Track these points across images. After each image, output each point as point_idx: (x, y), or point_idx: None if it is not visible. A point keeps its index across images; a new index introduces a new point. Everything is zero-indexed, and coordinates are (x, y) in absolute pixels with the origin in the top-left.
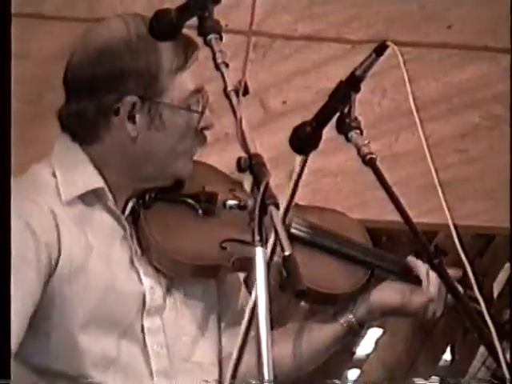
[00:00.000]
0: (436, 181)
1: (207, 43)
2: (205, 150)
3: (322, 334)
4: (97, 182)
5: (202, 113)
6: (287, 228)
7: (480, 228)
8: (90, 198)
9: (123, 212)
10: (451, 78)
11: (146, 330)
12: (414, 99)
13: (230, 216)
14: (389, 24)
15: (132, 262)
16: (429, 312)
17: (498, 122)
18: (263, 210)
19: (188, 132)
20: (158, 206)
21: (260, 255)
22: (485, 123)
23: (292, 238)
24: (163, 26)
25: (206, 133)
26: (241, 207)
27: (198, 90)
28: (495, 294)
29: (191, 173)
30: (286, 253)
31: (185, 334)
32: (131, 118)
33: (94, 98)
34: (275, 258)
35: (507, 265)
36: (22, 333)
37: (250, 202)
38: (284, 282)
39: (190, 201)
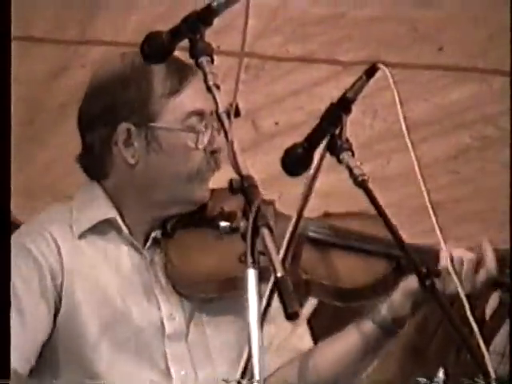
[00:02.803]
0: (428, 202)
1: (198, 65)
2: None
3: (357, 337)
4: (109, 212)
5: (199, 132)
6: (304, 233)
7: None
8: (105, 228)
9: (145, 243)
10: (442, 99)
11: (168, 356)
12: (405, 120)
13: None
14: (380, 45)
15: (151, 290)
16: (448, 287)
17: (489, 142)
18: (255, 231)
19: (189, 154)
20: (180, 233)
21: (252, 277)
22: (476, 144)
23: (310, 241)
24: (154, 49)
25: None
26: (233, 229)
27: (199, 112)
28: (487, 316)
29: (207, 197)
30: (278, 274)
31: (215, 354)
32: (129, 145)
33: (95, 132)
34: None
35: None
36: (34, 359)
37: (242, 224)
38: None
39: (209, 223)
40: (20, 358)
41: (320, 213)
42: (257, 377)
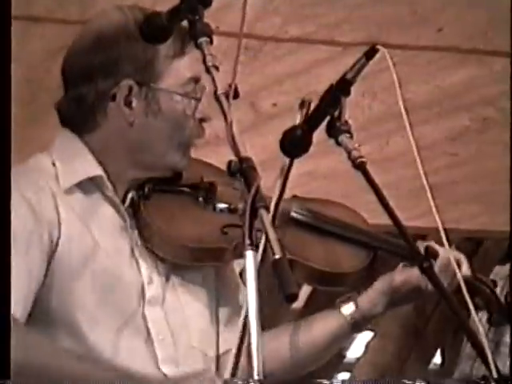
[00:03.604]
0: (425, 184)
1: (198, 46)
2: (195, 152)
3: (322, 327)
4: (95, 170)
5: (199, 99)
6: (287, 213)
7: (470, 231)
8: (89, 186)
9: (123, 203)
10: (441, 81)
11: (148, 320)
12: (403, 102)
13: None
14: (379, 26)
15: (132, 252)
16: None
17: (488, 124)
18: (254, 213)
19: (185, 120)
20: (157, 196)
21: (251, 259)
22: (475, 126)
23: (293, 222)
24: (154, 30)
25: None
26: (231, 210)
27: (196, 79)
28: None
29: (188, 165)
30: (277, 256)
31: (189, 322)
32: (128, 103)
33: (92, 83)
34: None
35: (496, 268)
36: (29, 305)
37: (240, 206)
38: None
39: (189, 190)
40: (17, 301)
41: (320, 195)
42: (255, 376)
